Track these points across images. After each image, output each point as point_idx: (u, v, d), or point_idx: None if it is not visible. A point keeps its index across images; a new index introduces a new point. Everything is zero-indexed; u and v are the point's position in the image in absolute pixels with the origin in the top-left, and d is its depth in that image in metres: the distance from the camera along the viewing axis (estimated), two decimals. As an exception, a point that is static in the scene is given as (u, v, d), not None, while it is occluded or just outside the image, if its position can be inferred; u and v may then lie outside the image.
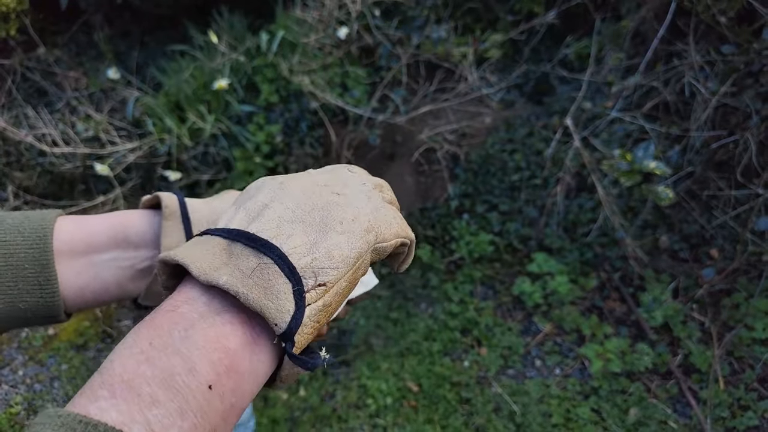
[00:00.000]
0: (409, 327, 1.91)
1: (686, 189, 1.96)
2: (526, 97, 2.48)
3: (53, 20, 2.71)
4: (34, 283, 0.37)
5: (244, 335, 0.32)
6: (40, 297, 0.38)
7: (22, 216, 0.39)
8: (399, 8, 2.37)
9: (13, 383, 1.77)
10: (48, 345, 1.87)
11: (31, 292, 0.37)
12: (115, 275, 0.41)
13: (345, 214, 0.35)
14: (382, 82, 2.35)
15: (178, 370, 0.28)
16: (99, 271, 0.40)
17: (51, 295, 0.38)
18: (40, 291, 0.38)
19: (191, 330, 0.30)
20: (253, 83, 2.30)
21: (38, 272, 0.37)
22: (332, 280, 0.33)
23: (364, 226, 0.35)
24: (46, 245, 0.38)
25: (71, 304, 0.40)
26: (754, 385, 1.73)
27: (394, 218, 0.38)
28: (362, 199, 0.37)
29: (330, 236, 0.34)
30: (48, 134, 2.15)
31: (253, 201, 0.36)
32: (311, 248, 0.33)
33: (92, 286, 0.40)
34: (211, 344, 0.30)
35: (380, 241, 0.36)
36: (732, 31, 1.79)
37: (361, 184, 0.38)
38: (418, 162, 2.35)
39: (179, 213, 0.41)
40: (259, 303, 0.30)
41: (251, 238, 0.32)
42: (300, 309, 0.31)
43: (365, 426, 1.63)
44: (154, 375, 0.28)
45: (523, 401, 1.70)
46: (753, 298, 1.77)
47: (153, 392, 0.27)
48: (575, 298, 1.96)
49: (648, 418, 1.66)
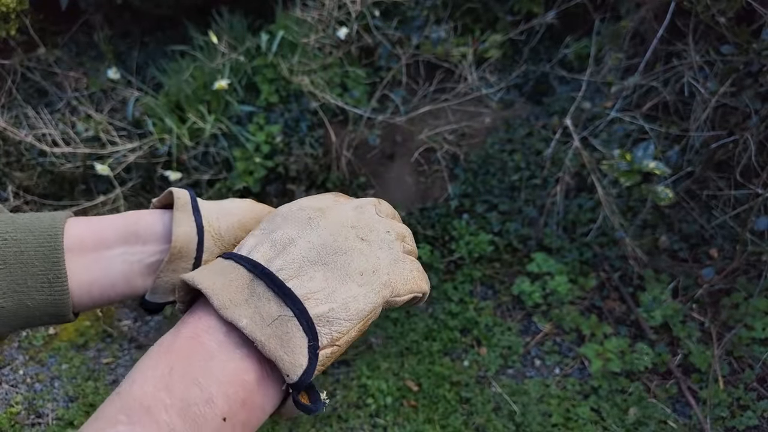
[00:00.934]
0: (408, 326, 1.91)
1: (686, 189, 1.97)
2: (526, 97, 2.49)
3: (53, 20, 2.72)
4: (44, 281, 0.37)
5: (259, 371, 0.33)
6: (49, 295, 0.38)
7: (32, 216, 0.39)
8: (398, 8, 2.38)
9: (13, 383, 1.77)
10: (48, 345, 1.87)
11: (40, 290, 0.37)
12: (123, 270, 0.41)
13: (367, 264, 0.36)
14: (381, 82, 2.35)
15: (196, 401, 0.29)
16: (107, 266, 0.40)
17: (60, 293, 0.38)
18: (50, 288, 0.38)
19: (211, 361, 0.31)
20: (253, 83, 2.30)
21: (48, 269, 0.37)
22: (344, 331, 0.34)
23: (382, 279, 0.36)
24: (57, 243, 0.38)
25: (78, 301, 0.40)
26: (753, 384, 1.73)
27: (411, 272, 0.39)
28: (384, 250, 0.38)
29: (349, 287, 0.35)
30: (48, 134, 2.15)
31: (279, 233, 0.37)
32: (329, 296, 0.34)
33: (100, 281, 0.40)
34: (229, 377, 0.31)
35: (395, 295, 0.37)
36: (731, 31, 1.80)
37: (386, 233, 0.39)
38: (418, 162, 2.35)
39: (190, 206, 0.42)
40: (274, 353, 0.31)
41: (276, 282, 0.33)
42: (312, 364, 0.32)
43: (365, 425, 1.64)
44: (173, 404, 0.29)
45: (523, 401, 1.70)
46: (752, 297, 1.78)
47: (170, 421, 0.28)
48: (575, 297, 1.96)
49: (647, 417, 1.66)
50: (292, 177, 2.23)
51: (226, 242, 0.43)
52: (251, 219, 0.44)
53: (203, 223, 0.42)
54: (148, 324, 1.95)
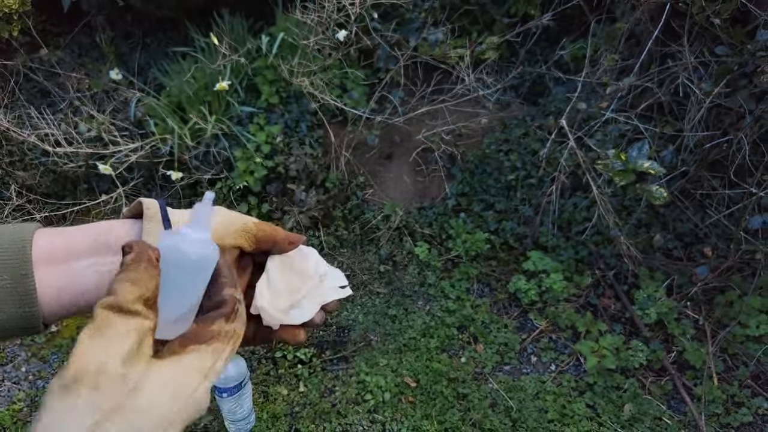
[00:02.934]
0: (406, 323, 1.93)
1: (680, 188, 1.99)
2: (522, 98, 2.51)
3: (55, 22, 2.74)
4: (13, 294, 0.37)
5: None
6: (18, 308, 0.37)
7: (0, 229, 0.38)
8: (397, 11, 2.40)
9: (15, 380, 1.79)
10: (51, 342, 1.89)
11: (9, 303, 0.37)
12: (94, 280, 0.40)
13: None
14: (380, 83, 2.38)
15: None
16: (78, 275, 0.39)
17: (30, 305, 0.37)
18: (19, 301, 0.37)
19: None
20: (254, 84, 2.33)
21: (17, 282, 0.37)
22: None
23: None
24: (25, 255, 0.37)
25: (49, 310, 0.39)
26: (747, 382, 1.75)
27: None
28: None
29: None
30: (51, 134, 2.18)
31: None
32: None
33: (70, 288, 0.39)
34: None
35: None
36: (726, 32, 1.82)
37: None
38: (416, 162, 2.38)
39: (160, 216, 0.41)
40: None
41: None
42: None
43: (364, 421, 1.66)
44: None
45: (519, 397, 1.72)
46: (746, 295, 1.80)
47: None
48: (570, 295, 1.98)
49: (643, 414, 1.68)
50: (292, 177, 2.26)
51: None
52: (222, 227, 0.43)
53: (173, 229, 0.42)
54: (149, 321, 1.97)
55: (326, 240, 2.21)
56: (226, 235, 0.42)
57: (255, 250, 0.44)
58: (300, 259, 0.47)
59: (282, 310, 0.45)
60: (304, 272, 0.47)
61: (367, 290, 2.06)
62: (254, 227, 0.44)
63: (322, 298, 0.47)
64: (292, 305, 0.45)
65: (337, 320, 1.96)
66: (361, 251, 2.21)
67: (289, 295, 0.46)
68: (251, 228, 0.44)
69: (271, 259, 0.46)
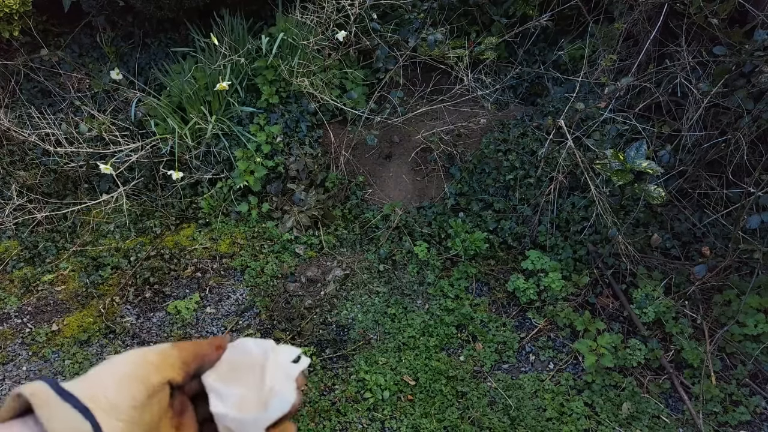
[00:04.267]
0: (406, 322, 1.94)
1: (678, 188, 2.00)
2: (521, 98, 2.52)
3: (56, 22, 2.75)
4: None
5: None
6: None
7: None
8: (396, 12, 2.41)
9: (16, 379, 1.80)
10: (51, 341, 1.90)
11: None
12: None
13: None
14: (379, 83, 2.39)
15: None
16: None
17: None
18: None
19: None
20: (254, 85, 2.34)
21: None
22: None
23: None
24: None
25: None
26: (745, 380, 1.76)
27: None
28: None
29: None
30: (52, 134, 2.19)
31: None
32: None
33: None
34: None
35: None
36: (724, 32, 1.83)
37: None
38: (415, 161, 2.39)
39: (55, 394, 0.34)
40: None
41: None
42: None
43: (363, 419, 1.67)
44: None
45: (518, 395, 1.73)
46: (744, 295, 1.80)
47: None
48: (568, 294, 1.99)
49: (641, 412, 1.69)
50: (292, 176, 2.27)
51: (125, 407, 0.35)
52: (139, 366, 0.37)
53: (85, 403, 0.34)
54: (150, 320, 1.98)
55: (326, 239, 2.22)
56: (149, 374, 0.37)
57: (185, 377, 0.39)
58: (240, 354, 0.42)
59: (260, 410, 0.39)
60: (254, 362, 0.42)
61: (367, 289, 2.07)
62: (174, 350, 0.39)
63: (290, 375, 0.41)
64: (265, 401, 0.40)
65: (336, 319, 1.97)
66: (360, 250, 2.22)
67: (257, 392, 0.40)
68: (171, 353, 0.39)
69: (206, 377, 0.41)
